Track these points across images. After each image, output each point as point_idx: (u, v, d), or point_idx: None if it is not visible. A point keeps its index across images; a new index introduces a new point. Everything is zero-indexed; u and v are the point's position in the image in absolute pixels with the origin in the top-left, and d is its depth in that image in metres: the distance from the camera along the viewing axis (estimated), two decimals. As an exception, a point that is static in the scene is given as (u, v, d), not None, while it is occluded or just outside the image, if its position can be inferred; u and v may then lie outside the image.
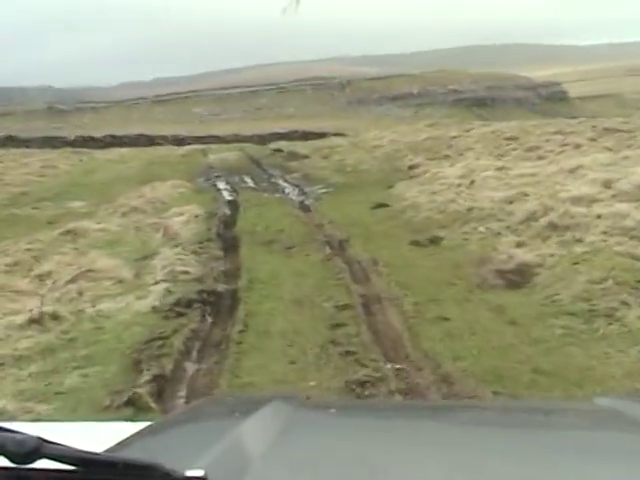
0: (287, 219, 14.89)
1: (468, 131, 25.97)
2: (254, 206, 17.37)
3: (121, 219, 16.37)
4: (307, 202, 17.92)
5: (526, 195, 12.86)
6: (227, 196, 19.76)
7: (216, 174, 24.01)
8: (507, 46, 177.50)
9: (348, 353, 6.88)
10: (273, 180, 21.98)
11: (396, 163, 22.21)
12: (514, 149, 21.93)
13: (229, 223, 15.25)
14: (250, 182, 21.84)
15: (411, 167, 20.98)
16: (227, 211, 17.08)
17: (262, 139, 42.77)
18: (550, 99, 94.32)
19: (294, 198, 18.74)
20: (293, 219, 14.90)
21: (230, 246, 12.75)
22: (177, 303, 8.93)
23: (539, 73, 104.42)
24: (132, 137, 44.08)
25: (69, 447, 1.01)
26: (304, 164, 23.91)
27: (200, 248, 12.50)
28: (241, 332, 7.73)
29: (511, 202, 12.68)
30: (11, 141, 41.28)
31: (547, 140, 23.03)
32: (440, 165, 20.05)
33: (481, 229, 11.54)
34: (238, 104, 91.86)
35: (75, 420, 5.12)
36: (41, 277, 10.66)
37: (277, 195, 19.32)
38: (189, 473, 1.05)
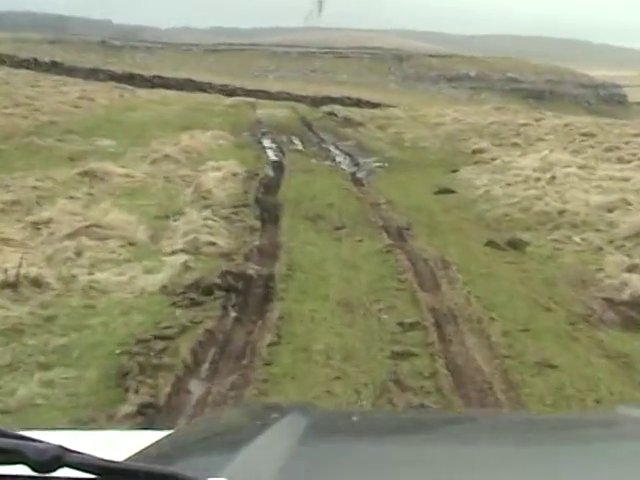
0: (337, 192, 12.72)
1: (538, 120, 23.43)
2: (301, 172, 15.20)
3: (150, 166, 14.32)
4: (360, 175, 15.71)
5: (629, 204, 10.55)
6: (272, 156, 17.60)
7: (263, 130, 21.85)
8: (572, 41, 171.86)
9: (419, 407, 4.76)
10: (324, 145, 19.75)
11: (459, 145, 19.86)
12: (591, 147, 19.43)
13: (271, 188, 13.11)
14: (299, 144, 19.66)
15: (476, 151, 18.63)
16: (270, 173, 14.94)
17: (314, 101, 40.49)
18: (608, 101, 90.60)
19: (346, 168, 16.54)
20: (344, 193, 12.72)
21: (269, 216, 10.64)
22: (194, 286, 6.85)
23: (599, 72, 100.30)
24: (180, 80, 41.93)
25: (90, 455, 0.98)
26: (358, 132, 21.65)
27: (234, 214, 10.41)
28: (272, 345, 5.62)
29: (611, 210, 10.38)
30: (55, 67, 39.28)
31: (627, 142, 20.48)
32: (509, 153, 17.70)
33: (576, 239, 9.29)
34: (293, 63, 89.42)
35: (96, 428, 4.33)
36: (37, 225, 8.62)
37: (327, 163, 17.12)
38: None
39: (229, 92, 40.43)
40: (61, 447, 0.94)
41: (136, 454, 1.32)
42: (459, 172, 15.60)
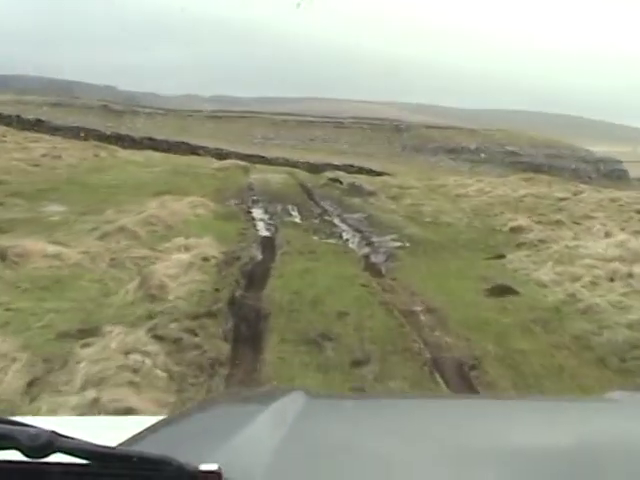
0: (350, 289, 8.53)
1: (576, 194, 19.41)
2: (298, 254, 11.07)
3: (96, 243, 10.24)
4: (376, 259, 11.57)
5: None
6: (262, 231, 13.49)
7: (254, 197, 17.78)
8: (568, 117, 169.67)
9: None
10: (327, 218, 15.63)
11: (491, 221, 15.81)
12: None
13: (255, 281, 8.95)
14: (296, 216, 15.54)
15: (515, 230, 14.56)
16: (257, 256, 10.79)
17: (314, 168, 36.73)
18: (608, 176, 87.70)
19: (356, 249, 12.40)
20: (360, 291, 8.51)
21: (247, 336, 6.46)
22: None
23: (598, 148, 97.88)
24: (172, 143, 38.17)
25: (83, 441, 0.94)
26: (368, 203, 17.60)
27: (189, 332, 6.21)
28: None
29: None
30: (39, 125, 35.40)
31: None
32: (561, 235, 13.62)
33: None
34: (293, 132, 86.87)
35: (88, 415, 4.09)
36: None
37: (332, 241, 12.98)
38: (203, 467, 0.99)
39: (223, 156, 36.62)
40: (53, 432, 0.91)
41: (128, 440, 1.27)
42: (506, 258, 11.49)
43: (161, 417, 1.55)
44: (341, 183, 20.10)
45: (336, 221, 15.35)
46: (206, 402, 2.32)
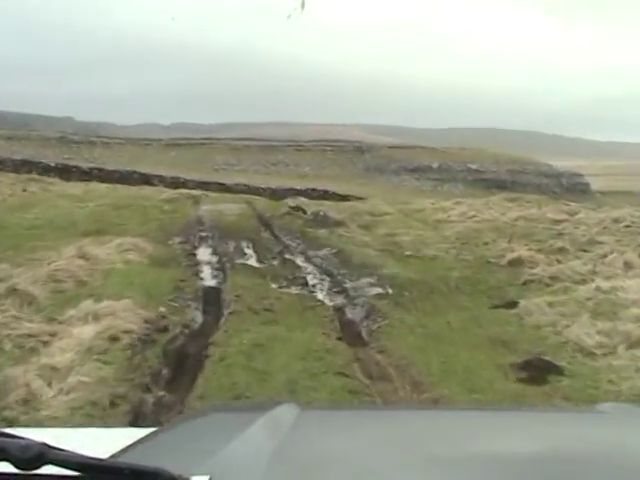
0: (323, 385, 5.60)
1: (572, 215, 16.66)
2: (251, 314, 8.16)
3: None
4: (353, 315, 8.74)
5: None
6: (207, 279, 10.56)
7: (203, 234, 14.79)
8: (526, 132, 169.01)
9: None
10: (289, 256, 12.66)
11: (484, 252, 13.02)
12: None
13: (185, 369, 6.07)
14: (251, 255, 12.55)
15: (515, 263, 11.82)
16: (195, 320, 7.91)
17: (275, 194, 33.88)
18: (571, 190, 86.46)
19: (327, 301, 9.52)
20: (338, 387, 5.58)
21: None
22: None
23: (558, 163, 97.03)
24: (123, 173, 34.93)
25: (73, 453, 0.92)
26: (336, 234, 14.71)
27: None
28: None
29: None
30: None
31: None
32: (574, 268, 10.91)
33: None
34: (254, 157, 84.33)
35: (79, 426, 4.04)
36: None
37: (295, 290, 10.05)
38: (195, 479, 0.99)
39: (179, 185, 33.54)
40: (44, 444, 0.90)
41: (120, 451, 1.26)
42: (520, 306, 8.71)
43: (152, 429, 1.48)
44: (304, 212, 17.15)
45: (299, 261, 12.44)
46: (197, 414, 2.19)
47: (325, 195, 36.37)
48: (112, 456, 1.19)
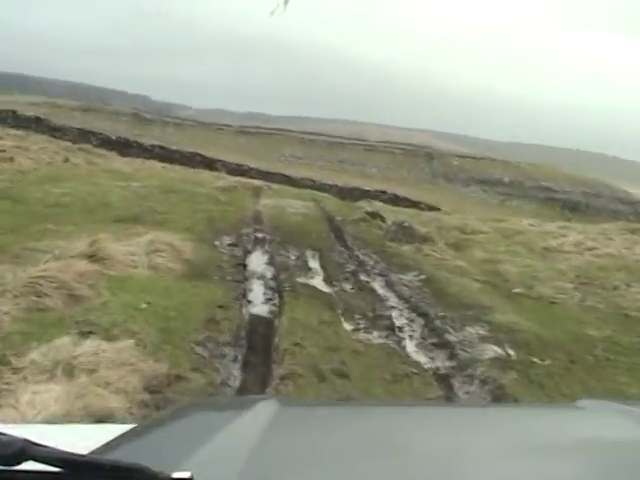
0: None
1: None
2: (315, 379, 5.12)
3: None
4: (469, 397, 5.57)
5: None
6: (256, 303, 7.54)
7: (259, 235, 11.79)
8: (601, 155, 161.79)
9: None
10: (364, 279, 9.50)
11: (615, 299, 9.69)
12: None
13: None
14: (318, 273, 9.44)
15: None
16: (227, 385, 4.89)
17: (342, 192, 30.87)
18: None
19: (422, 359, 6.39)
20: None
21: None
22: None
23: (634, 190, 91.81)
24: (185, 154, 32.28)
25: (55, 449, 0.91)
26: (422, 253, 11.46)
27: None
28: None
29: None
30: (38, 125, 29.67)
31: None
32: None
33: None
34: (322, 152, 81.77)
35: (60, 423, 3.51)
36: None
37: (377, 336, 6.91)
38: (176, 475, 0.95)
39: (242, 172, 30.78)
40: (26, 440, 0.88)
41: (101, 447, 1.23)
42: None
43: (133, 425, 1.46)
44: (383, 220, 13.88)
45: (379, 286, 9.27)
46: (178, 410, 1.95)
47: (396, 200, 33.33)
48: (93, 452, 1.16)
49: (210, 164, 31.78)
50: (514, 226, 16.06)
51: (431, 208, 33.18)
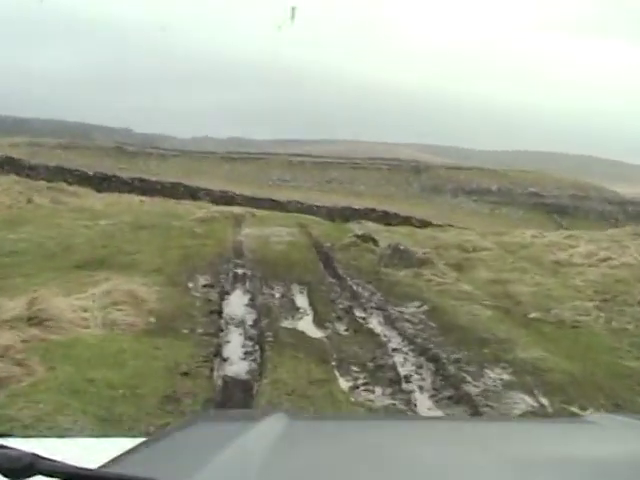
0: None
1: None
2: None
3: None
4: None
5: None
6: (232, 362, 6.21)
7: (238, 270, 10.46)
8: (588, 157, 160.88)
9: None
10: (360, 316, 8.18)
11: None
12: None
13: None
14: (306, 313, 8.13)
15: None
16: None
17: (331, 213, 29.61)
18: (636, 218, 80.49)
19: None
20: None
21: None
22: None
23: (622, 190, 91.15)
24: (167, 185, 30.94)
25: (63, 463, 0.90)
26: (423, 279, 10.15)
27: None
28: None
29: None
30: (9, 165, 28.23)
31: None
32: None
33: None
34: (309, 173, 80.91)
35: (69, 436, 3.60)
36: None
37: (379, 395, 5.60)
38: None
39: (227, 200, 29.52)
40: (34, 454, 0.87)
41: (110, 461, 1.21)
42: None
43: (142, 439, 1.41)
44: (375, 243, 12.52)
45: (377, 324, 7.95)
46: (187, 423, 1.97)
47: (386, 216, 32.22)
48: (102, 466, 1.15)
49: (193, 193, 30.51)
50: (517, 239, 14.76)
51: (423, 223, 32.06)
